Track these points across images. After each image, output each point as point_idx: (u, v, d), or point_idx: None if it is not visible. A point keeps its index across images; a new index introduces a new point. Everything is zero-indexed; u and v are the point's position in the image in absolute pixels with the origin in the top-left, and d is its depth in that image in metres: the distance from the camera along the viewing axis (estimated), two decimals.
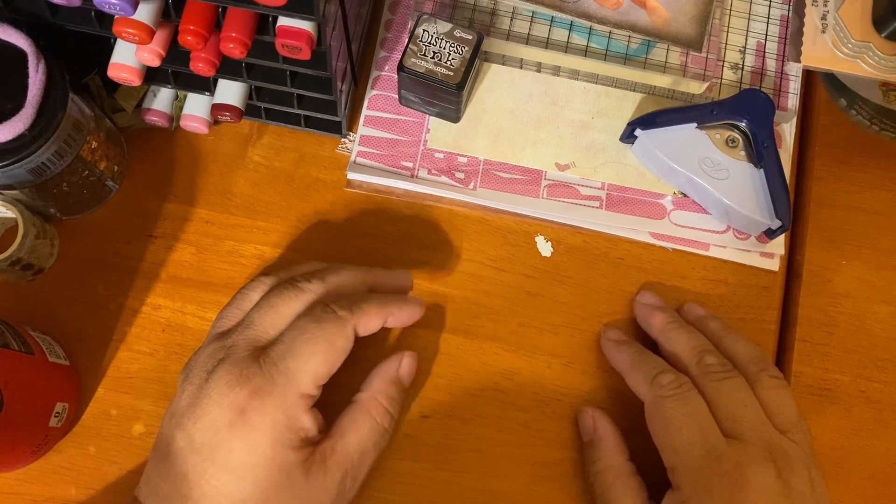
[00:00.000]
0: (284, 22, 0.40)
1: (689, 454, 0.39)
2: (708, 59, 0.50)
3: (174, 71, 0.46)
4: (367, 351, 0.46)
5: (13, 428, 0.39)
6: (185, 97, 0.49)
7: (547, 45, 0.50)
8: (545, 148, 0.50)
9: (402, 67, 0.47)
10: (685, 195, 0.50)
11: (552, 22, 0.50)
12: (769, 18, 0.53)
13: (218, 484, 0.37)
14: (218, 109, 0.47)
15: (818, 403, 0.47)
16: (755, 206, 0.47)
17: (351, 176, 0.50)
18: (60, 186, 0.45)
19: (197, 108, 0.48)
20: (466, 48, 0.47)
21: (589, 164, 0.50)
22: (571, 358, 0.47)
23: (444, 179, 0.50)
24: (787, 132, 0.51)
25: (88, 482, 0.45)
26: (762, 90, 0.49)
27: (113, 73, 0.43)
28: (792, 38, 0.52)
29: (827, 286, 0.49)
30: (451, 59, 0.47)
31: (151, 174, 0.50)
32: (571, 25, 0.50)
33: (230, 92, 0.47)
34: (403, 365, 0.43)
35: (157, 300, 0.48)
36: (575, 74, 0.52)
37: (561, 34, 0.50)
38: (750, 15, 0.53)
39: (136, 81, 0.44)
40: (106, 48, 0.44)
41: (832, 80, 0.53)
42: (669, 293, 0.49)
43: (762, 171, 0.48)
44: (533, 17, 0.50)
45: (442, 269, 0.49)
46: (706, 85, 0.50)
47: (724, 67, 0.52)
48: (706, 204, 0.49)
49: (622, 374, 0.45)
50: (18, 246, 0.44)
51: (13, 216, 0.44)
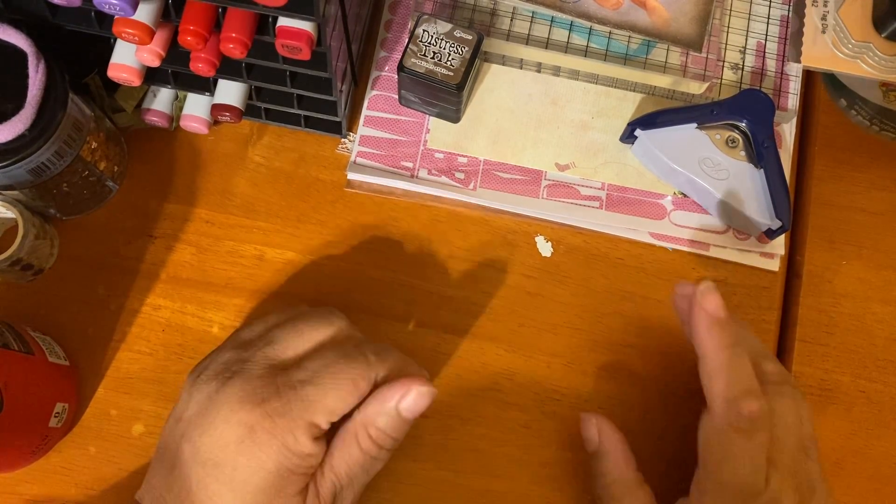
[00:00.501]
0: (284, 22, 0.40)
1: (731, 487, 0.37)
2: (708, 59, 0.50)
3: (174, 71, 0.46)
4: None
5: (13, 428, 0.39)
6: (185, 97, 0.49)
7: (547, 45, 0.50)
8: (545, 148, 0.50)
9: (402, 67, 0.47)
10: (685, 195, 0.50)
11: (552, 22, 0.50)
12: (769, 19, 0.53)
13: (218, 500, 0.36)
14: (218, 110, 0.47)
15: (818, 403, 0.47)
16: (755, 206, 0.47)
17: (351, 176, 0.50)
18: (60, 187, 0.45)
19: (197, 108, 0.48)
20: (466, 48, 0.47)
21: (589, 164, 0.50)
22: (571, 358, 0.47)
23: (444, 179, 0.50)
24: (787, 132, 0.51)
25: (88, 482, 0.45)
26: (762, 90, 0.49)
27: (113, 73, 0.43)
28: (792, 38, 0.52)
29: (827, 286, 0.49)
30: (451, 59, 0.47)
31: (151, 174, 0.50)
32: (571, 26, 0.50)
33: (230, 92, 0.47)
34: (408, 398, 0.38)
35: (157, 300, 0.48)
36: (575, 75, 0.52)
37: (561, 34, 0.50)
38: (750, 15, 0.53)
39: (136, 81, 0.44)
40: (106, 48, 0.44)
41: (832, 80, 0.53)
42: (670, 293, 0.48)
43: (762, 171, 0.48)
44: (533, 17, 0.50)
45: (442, 269, 0.49)
46: (706, 85, 0.50)
47: (724, 67, 0.52)
48: (706, 204, 0.49)
49: (700, 358, 0.39)
50: (18, 246, 0.44)
51: (13, 216, 0.44)
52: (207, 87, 0.47)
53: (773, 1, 0.53)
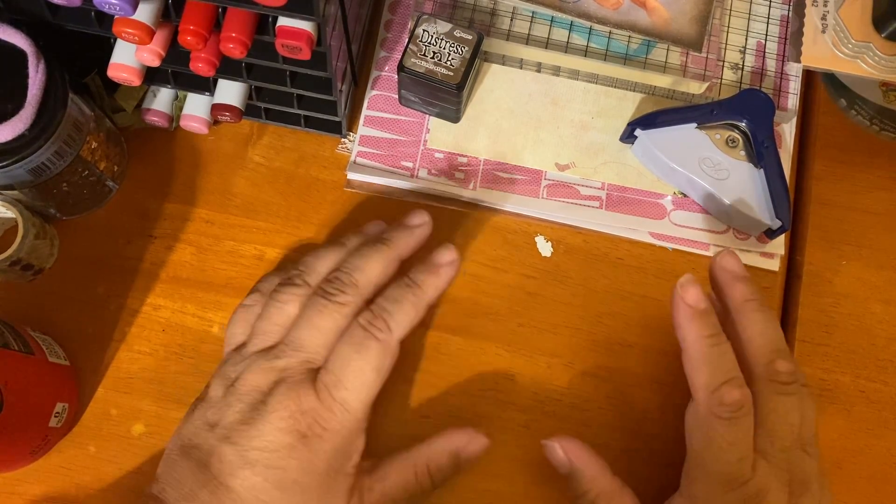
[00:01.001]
0: (284, 22, 0.40)
1: (717, 474, 0.38)
2: (708, 59, 0.50)
3: (174, 71, 0.46)
4: None
5: (13, 428, 0.39)
6: (185, 97, 0.49)
7: (547, 45, 0.50)
8: (545, 148, 0.50)
9: (402, 67, 0.47)
10: (685, 195, 0.50)
11: (552, 22, 0.50)
12: (769, 18, 0.53)
13: (265, 499, 0.37)
14: (218, 109, 0.47)
15: (818, 403, 0.47)
16: (755, 206, 0.47)
17: (351, 176, 0.50)
18: (60, 186, 0.45)
19: (197, 108, 0.48)
20: (466, 48, 0.47)
21: (589, 164, 0.50)
22: (571, 358, 0.47)
23: (443, 179, 0.50)
24: (787, 132, 0.51)
25: (88, 482, 0.45)
26: (762, 90, 0.49)
27: (113, 73, 0.43)
28: (792, 38, 0.52)
29: (827, 286, 0.49)
30: (451, 59, 0.47)
31: (151, 174, 0.50)
32: (571, 25, 0.50)
33: (230, 92, 0.47)
34: (471, 445, 0.42)
35: (157, 300, 0.48)
36: (575, 74, 0.52)
37: (561, 34, 0.50)
38: (750, 15, 0.53)
39: (136, 81, 0.44)
40: (106, 48, 0.44)
41: (832, 80, 0.53)
42: (670, 293, 0.48)
43: (762, 171, 0.48)
44: (533, 17, 0.50)
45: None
46: (706, 85, 0.50)
47: (724, 67, 0.52)
48: (706, 204, 0.49)
49: (683, 349, 0.40)
50: (18, 246, 0.44)
51: (13, 216, 0.44)
52: (207, 86, 0.47)
53: (773, 1, 0.53)
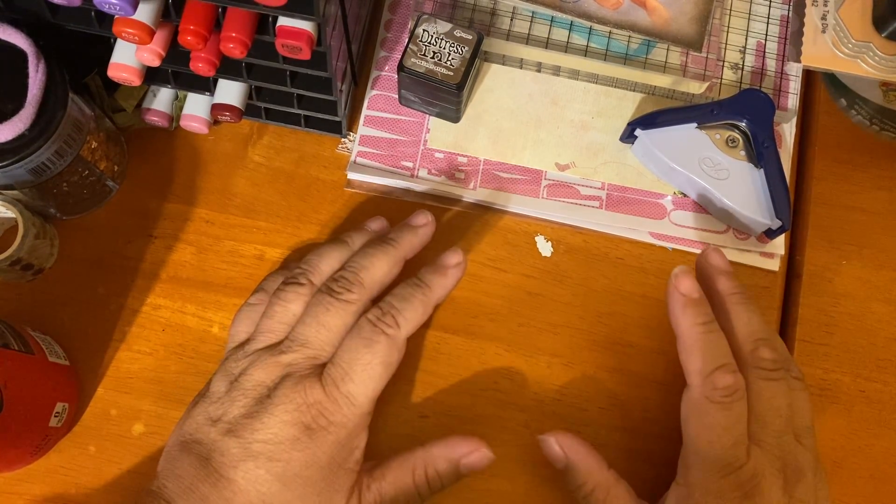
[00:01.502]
0: (284, 22, 0.40)
1: (713, 460, 0.38)
2: (708, 59, 0.50)
3: (174, 71, 0.46)
4: None
5: (13, 428, 0.39)
6: (185, 97, 0.49)
7: (547, 45, 0.50)
8: (545, 148, 0.50)
9: (402, 67, 0.47)
10: (685, 195, 0.50)
11: (552, 22, 0.50)
12: (769, 18, 0.53)
13: (266, 491, 0.37)
14: (218, 109, 0.47)
15: (818, 403, 0.47)
16: (755, 206, 0.47)
17: (351, 176, 0.50)
18: (60, 186, 0.45)
19: (197, 108, 0.48)
20: (466, 48, 0.47)
21: (589, 164, 0.50)
22: (571, 358, 0.47)
23: (443, 179, 0.50)
24: (787, 132, 0.51)
25: (88, 482, 0.45)
26: (762, 90, 0.49)
27: (113, 73, 0.43)
28: (792, 38, 0.52)
29: (827, 286, 0.49)
30: (451, 59, 0.47)
31: (151, 174, 0.50)
32: (571, 25, 0.50)
33: (230, 92, 0.47)
34: (472, 458, 0.41)
35: (157, 300, 0.48)
36: (575, 74, 0.52)
37: (561, 34, 0.50)
38: (750, 15, 0.53)
39: (136, 81, 0.44)
40: (106, 48, 0.44)
41: (832, 80, 0.53)
42: None
43: (762, 171, 0.48)
44: (533, 17, 0.50)
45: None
46: (706, 85, 0.50)
47: (724, 67, 0.52)
48: (706, 204, 0.49)
49: (677, 337, 0.41)
50: (18, 246, 0.44)
51: (13, 216, 0.44)
52: (207, 86, 0.47)
53: (773, 1, 0.53)
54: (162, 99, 0.49)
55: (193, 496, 0.37)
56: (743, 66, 0.52)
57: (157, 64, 0.43)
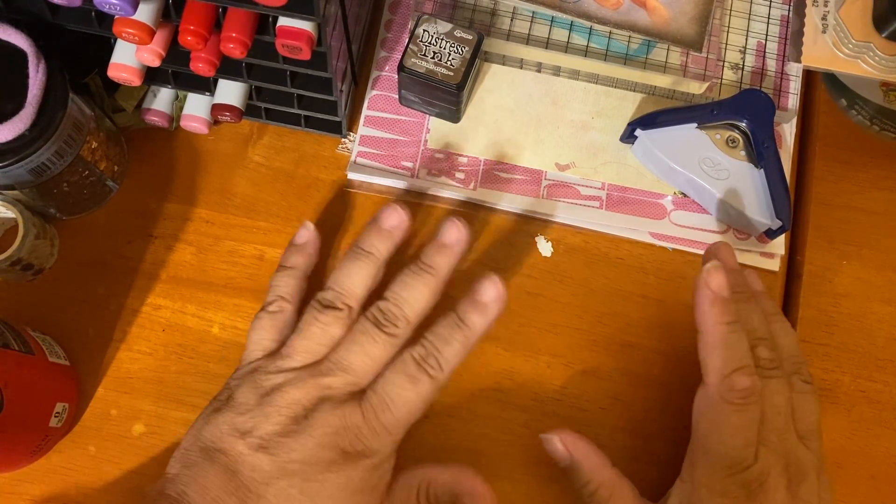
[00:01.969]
0: (284, 22, 0.40)
1: (720, 458, 0.39)
2: (708, 59, 0.50)
3: (174, 71, 0.46)
4: None
5: (13, 428, 0.39)
6: (185, 97, 0.49)
7: (547, 45, 0.50)
8: (545, 148, 0.50)
9: (402, 67, 0.47)
10: (685, 195, 0.50)
11: (552, 22, 0.50)
12: (769, 18, 0.53)
13: None
14: (218, 109, 0.47)
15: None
16: (755, 206, 0.47)
17: (351, 176, 0.50)
18: (60, 186, 0.45)
19: (197, 108, 0.48)
20: (466, 48, 0.47)
21: (589, 164, 0.50)
22: (571, 358, 0.47)
23: (443, 179, 0.50)
24: (787, 132, 0.51)
25: (88, 482, 0.45)
26: (762, 90, 0.49)
27: (113, 73, 0.43)
28: (792, 38, 0.52)
29: (827, 286, 0.49)
30: (451, 59, 0.47)
31: (151, 174, 0.50)
32: (571, 25, 0.50)
33: (230, 92, 0.47)
34: (477, 495, 0.41)
35: (157, 300, 0.48)
36: (575, 74, 0.52)
37: (561, 34, 0.50)
38: (750, 15, 0.53)
39: (136, 81, 0.44)
40: (106, 48, 0.44)
41: (832, 80, 0.53)
42: (670, 293, 0.49)
43: (762, 171, 0.48)
44: (533, 17, 0.50)
45: None
46: (706, 85, 0.50)
47: (724, 67, 0.52)
48: (706, 204, 0.49)
49: (700, 332, 0.40)
50: (18, 246, 0.44)
51: (13, 216, 0.44)
52: (207, 86, 0.47)
53: (773, 1, 0.53)
54: (162, 99, 0.49)
55: None
56: (743, 66, 0.52)
57: (157, 64, 0.43)
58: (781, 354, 0.42)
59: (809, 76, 0.54)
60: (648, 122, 0.49)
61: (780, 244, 0.49)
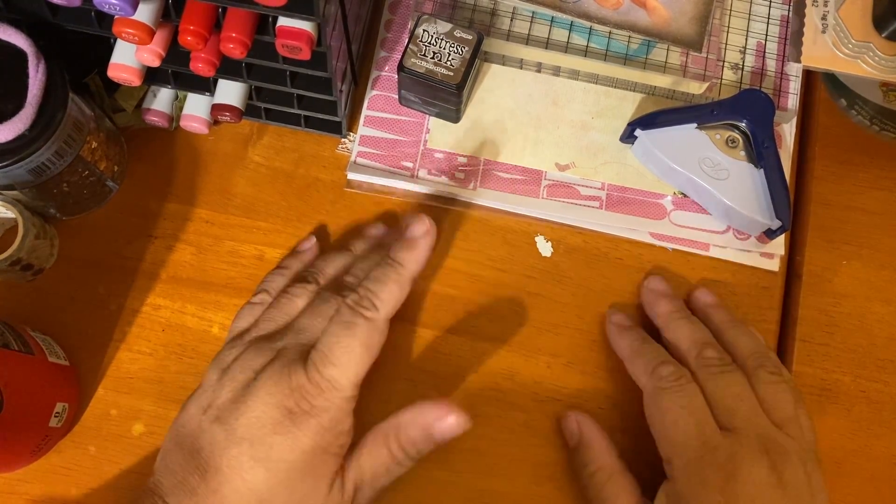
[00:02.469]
0: (284, 22, 0.40)
1: (684, 446, 0.40)
2: (708, 59, 0.50)
3: (174, 71, 0.46)
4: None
5: (13, 428, 0.39)
6: (185, 97, 0.49)
7: (547, 45, 0.50)
8: (545, 148, 0.50)
9: (402, 67, 0.47)
10: (685, 195, 0.50)
11: (552, 22, 0.50)
12: (769, 18, 0.53)
13: (250, 478, 0.37)
14: (218, 109, 0.47)
15: (818, 403, 0.47)
16: (755, 206, 0.47)
17: (351, 176, 0.50)
18: (60, 186, 0.45)
19: (197, 108, 0.48)
20: (466, 48, 0.47)
21: (589, 164, 0.50)
22: (571, 358, 0.47)
23: (443, 179, 0.50)
24: (787, 132, 0.51)
25: (88, 482, 0.45)
26: (762, 90, 0.49)
27: (113, 73, 0.43)
28: (792, 38, 0.52)
29: (827, 286, 0.49)
30: (451, 59, 0.47)
31: (151, 174, 0.50)
32: (571, 25, 0.50)
33: (230, 92, 0.47)
34: (442, 423, 0.40)
35: (157, 300, 0.48)
36: (575, 75, 0.52)
37: (561, 34, 0.50)
38: (750, 15, 0.53)
39: (136, 81, 0.44)
40: (106, 48, 0.44)
41: (832, 80, 0.53)
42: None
43: (762, 171, 0.48)
44: (533, 17, 0.50)
45: (442, 269, 0.49)
46: (706, 85, 0.50)
47: (724, 67, 0.52)
48: (706, 204, 0.49)
49: (623, 359, 0.45)
50: (18, 246, 0.44)
51: (13, 216, 0.44)
52: (207, 87, 0.47)
53: (773, 1, 0.53)
54: (162, 99, 0.49)
55: (184, 489, 0.37)
56: (743, 66, 0.52)
57: (157, 64, 0.43)
58: (741, 353, 0.44)
59: (809, 76, 0.53)
60: (648, 122, 0.49)
61: (779, 244, 0.49)
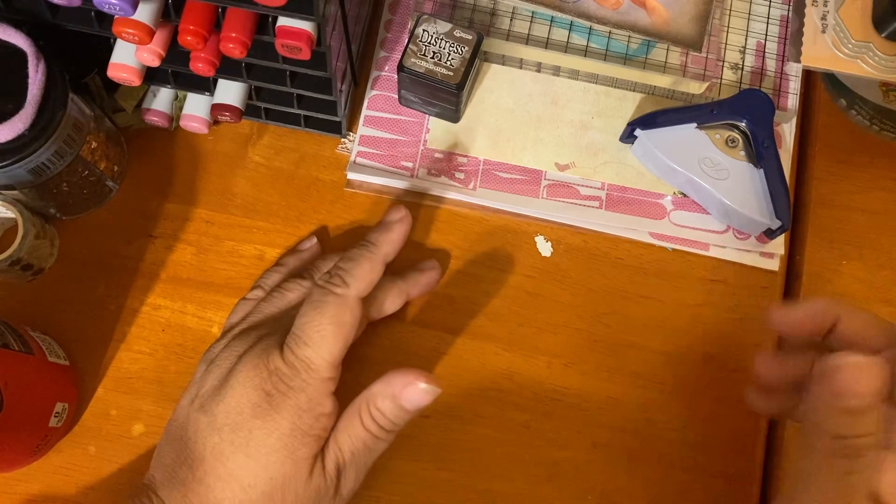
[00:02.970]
0: (284, 22, 0.40)
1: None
2: (708, 59, 0.50)
3: (174, 71, 0.46)
4: (373, 351, 0.46)
5: (13, 428, 0.39)
6: (185, 97, 0.49)
7: (547, 45, 0.50)
8: (545, 148, 0.50)
9: (401, 67, 0.47)
10: (685, 195, 0.50)
11: (552, 22, 0.50)
12: (769, 18, 0.53)
13: (233, 466, 0.37)
14: (218, 109, 0.47)
15: None
16: (755, 206, 0.47)
17: (351, 176, 0.50)
18: (60, 186, 0.45)
19: (197, 108, 0.48)
20: (466, 48, 0.47)
21: (589, 164, 0.50)
22: (571, 358, 0.47)
23: (444, 179, 0.50)
24: (787, 132, 0.51)
25: (88, 482, 0.45)
26: (762, 90, 0.49)
27: (113, 73, 0.43)
28: (792, 38, 0.52)
29: (827, 286, 0.49)
30: (450, 59, 0.47)
31: (151, 174, 0.50)
32: (571, 25, 0.50)
33: (230, 92, 0.47)
34: (410, 391, 0.39)
35: (157, 300, 0.48)
36: (575, 74, 0.52)
37: (561, 34, 0.50)
38: (750, 15, 0.53)
39: (136, 81, 0.44)
40: (106, 48, 0.44)
41: (832, 80, 0.53)
42: (669, 293, 0.49)
43: (762, 171, 0.48)
44: (533, 17, 0.50)
45: (442, 269, 0.49)
46: (706, 85, 0.50)
47: (724, 67, 0.52)
48: (706, 204, 0.49)
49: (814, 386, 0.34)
50: (18, 246, 0.44)
51: (13, 216, 0.44)
52: (207, 86, 0.47)
53: (773, 1, 0.53)
54: (162, 99, 0.49)
55: (174, 481, 0.38)
56: (743, 66, 0.52)
57: (156, 64, 0.43)
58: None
59: (809, 76, 0.53)
60: (648, 122, 0.49)
61: (779, 244, 0.49)
